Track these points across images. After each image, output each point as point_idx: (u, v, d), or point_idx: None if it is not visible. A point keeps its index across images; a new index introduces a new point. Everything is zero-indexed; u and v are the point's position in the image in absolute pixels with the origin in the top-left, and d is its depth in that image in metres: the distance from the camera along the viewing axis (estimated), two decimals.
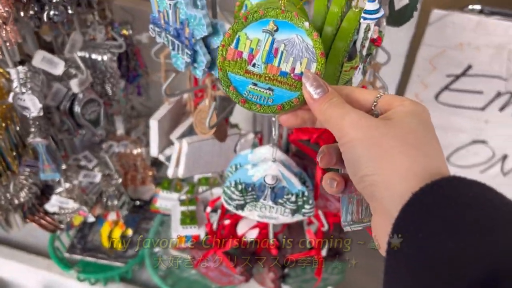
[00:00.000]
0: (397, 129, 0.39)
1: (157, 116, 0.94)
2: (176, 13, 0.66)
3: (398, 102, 0.43)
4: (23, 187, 1.10)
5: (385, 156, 0.38)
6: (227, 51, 0.53)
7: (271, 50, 0.54)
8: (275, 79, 0.54)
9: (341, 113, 0.42)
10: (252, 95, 0.54)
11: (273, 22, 0.56)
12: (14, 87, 0.90)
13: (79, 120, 0.99)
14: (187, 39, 0.64)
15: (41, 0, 0.84)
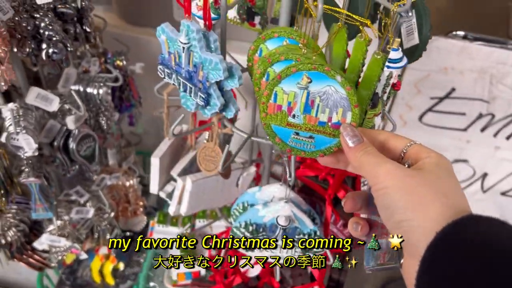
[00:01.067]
0: (428, 179, 0.44)
1: (159, 153, 0.92)
2: (190, 56, 0.64)
3: (426, 154, 0.47)
4: (10, 226, 1.04)
5: (420, 204, 0.42)
6: (267, 107, 0.57)
7: (308, 102, 0.57)
8: (315, 128, 0.58)
9: (377, 162, 0.47)
10: (296, 143, 0.59)
11: (307, 76, 0.56)
12: (6, 127, 0.86)
13: (74, 157, 0.95)
14: (201, 82, 0.63)
15: (38, 37, 0.80)
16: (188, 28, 0.61)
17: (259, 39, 0.70)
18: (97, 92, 0.96)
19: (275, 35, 0.69)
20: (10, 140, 0.85)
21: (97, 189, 1.13)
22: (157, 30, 0.62)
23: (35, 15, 0.78)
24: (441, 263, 0.38)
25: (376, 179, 0.45)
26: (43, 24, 0.77)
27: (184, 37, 0.62)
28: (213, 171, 0.89)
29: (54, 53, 0.79)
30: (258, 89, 0.71)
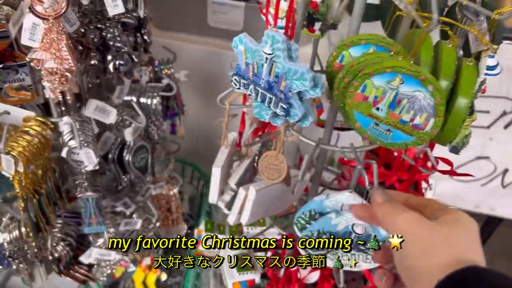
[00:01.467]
0: (443, 231, 0.46)
1: (219, 163, 0.90)
2: (272, 66, 0.63)
3: (449, 211, 0.49)
4: (58, 241, 1.02)
5: (430, 252, 0.44)
6: (354, 95, 0.61)
7: (395, 100, 0.60)
8: (395, 124, 0.62)
9: (396, 212, 0.49)
10: (374, 132, 0.64)
11: (400, 78, 0.58)
12: (66, 141, 0.83)
13: (130, 169, 0.93)
14: (282, 92, 0.62)
15: (100, 48, 0.78)
16: (273, 38, 0.60)
17: (342, 45, 0.70)
18: (151, 102, 0.93)
19: (362, 42, 0.68)
20: (71, 155, 0.83)
21: (142, 199, 1.11)
22: (234, 41, 0.61)
23: (100, 26, 0.76)
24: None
25: (395, 227, 0.48)
26: (110, 35, 0.75)
27: (269, 48, 0.61)
28: (276, 179, 0.87)
29: (121, 65, 0.77)
30: (338, 92, 0.70)
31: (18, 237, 1.02)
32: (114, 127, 0.89)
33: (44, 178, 0.91)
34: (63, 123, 0.84)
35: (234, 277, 1.01)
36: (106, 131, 0.90)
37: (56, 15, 0.66)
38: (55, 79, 0.71)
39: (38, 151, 0.83)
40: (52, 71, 0.71)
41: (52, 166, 0.93)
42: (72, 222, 1.07)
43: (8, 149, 0.80)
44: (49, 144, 0.86)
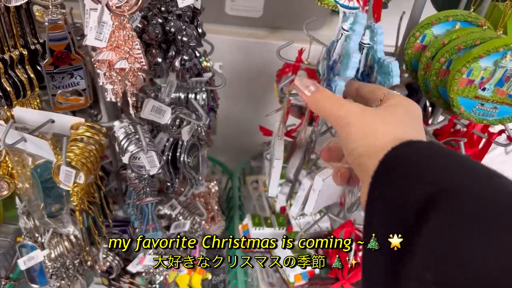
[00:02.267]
0: (383, 113, 0.48)
1: (279, 155, 0.87)
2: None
3: (391, 97, 0.51)
4: (108, 251, 0.96)
5: (370, 132, 0.46)
6: (459, 81, 0.61)
7: (503, 78, 0.61)
8: (502, 100, 0.63)
9: (336, 104, 0.50)
10: (479, 112, 0.64)
11: (510, 55, 0.57)
12: (125, 147, 0.78)
13: (184, 169, 0.89)
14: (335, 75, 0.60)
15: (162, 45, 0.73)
16: (357, 16, 0.59)
17: (427, 24, 0.68)
18: (200, 97, 0.89)
19: (450, 19, 0.67)
20: (132, 160, 0.78)
21: (184, 199, 1.06)
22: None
23: (159, 20, 0.71)
24: (382, 183, 0.42)
25: (338, 119, 0.49)
26: (174, 29, 0.70)
27: (348, 24, 0.60)
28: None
29: (186, 61, 0.72)
30: (424, 72, 0.69)
31: (62, 253, 0.96)
32: (167, 127, 0.84)
33: (95, 188, 0.86)
34: (118, 127, 0.79)
35: (295, 270, 0.99)
36: (160, 132, 0.85)
37: (130, 11, 0.61)
38: (128, 80, 0.66)
39: (96, 159, 0.78)
40: (123, 72, 0.65)
41: (101, 175, 0.87)
42: (116, 230, 1.02)
43: (68, 160, 0.74)
44: (104, 151, 0.81)
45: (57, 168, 0.75)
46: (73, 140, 0.78)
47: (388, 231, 0.39)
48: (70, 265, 1.01)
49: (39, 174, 0.80)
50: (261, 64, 1.29)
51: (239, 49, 1.27)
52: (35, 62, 0.72)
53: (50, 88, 0.72)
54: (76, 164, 0.75)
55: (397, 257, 0.38)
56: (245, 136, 1.39)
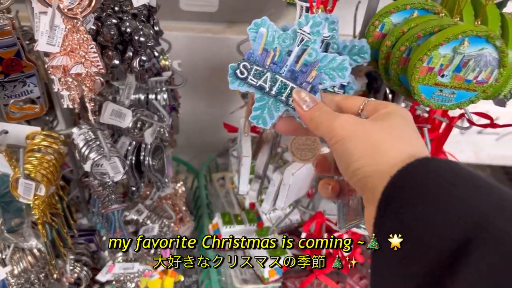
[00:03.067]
0: (383, 125, 0.44)
1: (247, 152, 0.86)
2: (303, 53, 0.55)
3: (383, 106, 0.47)
4: (74, 262, 0.93)
5: (374, 149, 0.42)
6: (419, 69, 0.62)
7: (461, 64, 0.62)
8: (460, 86, 0.64)
9: (331, 117, 0.47)
10: (437, 98, 0.65)
11: (468, 41, 0.58)
12: (85, 154, 0.75)
13: (150, 173, 0.86)
14: (310, 84, 0.54)
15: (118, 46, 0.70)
16: (315, 20, 0.53)
17: (385, 13, 0.69)
18: (161, 98, 0.87)
19: (408, 7, 0.67)
20: (94, 167, 0.75)
21: (151, 202, 1.04)
22: (253, 23, 0.53)
23: (114, 21, 0.68)
24: (397, 205, 0.37)
25: (332, 132, 0.45)
26: (130, 29, 0.68)
27: (309, 28, 0.53)
28: (310, 159, 0.86)
29: (145, 61, 0.70)
30: (385, 61, 0.70)
31: (26, 268, 0.92)
32: (129, 131, 0.82)
33: (57, 199, 0.82)
34: (77, 135, 0.76)
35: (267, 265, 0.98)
36: (122, 136, 0.83)
37: (83, 13, 0.58)
38: (85, 85, 0.63)
39: (55, 169, 0.74)
40: (79, 78, 0.62)
41: (62, 184, 0.84)
42: (82, 240, 0.99)
43: (27, 172, 0.70)
44: (64, 160, 0.78)
45: (15, 181, 0.72)
46: (30, 150, 0.74)
47: (408, 272, 0.35)
48: (36, 280, 0.97)
49: None
50: (220, 59, 1.27)
51: (197, 45, 1.25)
52: None
53: (2, 98, 0.68)
54: (36, 175, 0.71)
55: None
56: (209, 133, 1.38)
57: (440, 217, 0.35)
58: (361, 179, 0.42)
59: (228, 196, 1.35)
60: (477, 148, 1.88)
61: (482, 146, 1.87)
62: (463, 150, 1.84)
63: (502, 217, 0.33)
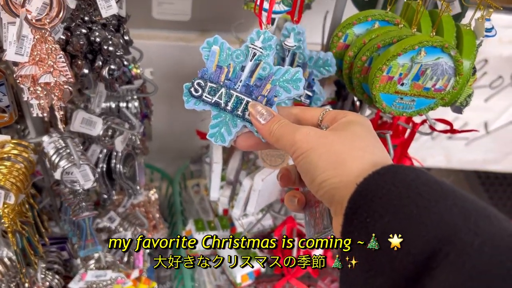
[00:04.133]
0: (344, 136, 0.44)
1: (218, 158, 0.88)
2: (256, 68, 0.54)
3: (342, 115, 0.47)
4: (46, 270, 0.93)
5: (338, 161, 0.42)
6: (380, 79, 0.65)
7: (418, 72, 0.66)
8: (419, 93, 0.68)
9: (291, 130, 0.46)
10: (399, 106, 0.69)
11: (424, 51, 0.62)
12: (55, 162, 0.75)
13: (121, 180, 0.87)
14: (265, 97, 0.54)
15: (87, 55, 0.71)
16: (266, 34, 0.53)
17: (348, 24, 0.71)
18: (132, 105, 0.88)
19: (369, 19, 0.70)
20: (64, 175, 0.76)
21: (123, 210, 1.04)
22: (206, 42, 0.54)
23: (83, 30, 0.69)
24: (363, 215, 0.37)
25: (294, 146, 0.45)
26: (99, 38, 0.69)
27: (260, 43, 0.53)
28: (280, 165, 0.88)
29: (114, 70, 0.71)
30: (348, 71, 0.73)
31: None
32: (99, 138, 0.82)
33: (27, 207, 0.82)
34: (47, 143, 0.76)
35: (240, 271, 1.00)
36: (93, 144, 0.83)
37: (52, 24, 0.59)
38: (54, 94, 0.64)
39: (25, 178, 0.75)
40: (48, 87, 0.63)
41: (33, 192, 0.84)
42: (53, 248, 0.98)
43: None
44: (34, 168, 0.78)
45: None
46: (0, 159, 0.74)
47: (374, 284, 0.35)
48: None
49: None
50: (193, 67, 1.28)
51: (170, 54, 1.26)
52: None
53: None
54: (5, 184, 0.71)
55: None
56: (183, 140, 1.39)
57: (406, 228, 0.35)
58: (328, 191, 0.42)
59: (202, 203, 1.36)
60: (448, 153, 1.93)
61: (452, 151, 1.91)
62: (434, 155, 1.88)
63: (466, 228, 0.33)
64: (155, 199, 1.11)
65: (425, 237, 0.34)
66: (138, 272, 1.11)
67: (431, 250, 0.33)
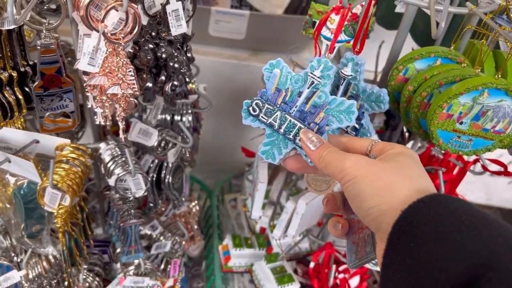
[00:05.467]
0: (393, 166, 0.46)
1: (263, 178, 0.89)
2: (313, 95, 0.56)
3: (390, 147, 0.49)
4: (87, 272, 0.95)
5: (386, 189, 0.43)
6: (439, 115, 0.65)
7: (479, 113, 0.65)
8: (477, 134, 0.67)
9: (341, 157, 0.48)
10: (455, 143, 0.68)
11: (487, 92, 0.61)
12: (111, 169, 0.78)
13: (168, 191, 0.89)
14: (317, 125, 0.55)
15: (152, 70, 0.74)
16: (326, 64, 0.55)
17: (410, 59, 0.72)
18: (186, 119, 0.90)
19: (432, 55, 0.70)
20: (118, 182, 0.78)
21: (165, 219, 1.07)
22: (268, 64, 0.56)
23: (150, 46, 0.72)
24: (407, 240, 0.39)
25: (343, 172, 0.47)
26: (165, 55, 0.72)
27: (319, 72, 0.55)
28: (324, 191, 0.88)
29: (177, 86, 0.73)
30: (406, 104, 0.73)
31: (40, 273, 0.95)
32: (153, 149, 0.85)
33: (78, 209, 0.85)
34: (104, 150, 0.79)
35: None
36: (146, 154, 0.86)
37: (126, 39, 0.62)
38: (119, 105, 0.66)
39: (81, 181, 0.78)
40: (115, 98, 0.66)
41: (84, 196, 0.87)
42: (96, 251, 1.01)
43: (54, 182, 0.73)
44: (89, 172, 0.81)
45: (43, 190, 0.75)
46: (58, 161, 0.77)
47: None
48: (47, 286, 0.99)
49: (23, 195, 0.79)
50: (242, 85, 1.31)
51: (221, 70, 1.29)
52: (24, 84, 0.71)
53: (39, 110, 0.72)
54: (62, 186, 0.74)
55: None
56: (225, 155, 1.41)
57: (449, 253, 0.36)
58: (375, 218, 0.43)
59: (239, 218, 1.37)
60: (489, 190, 1.89)
61: (494, 189, 1.87)
62: (474, 190, 1.84)
63: (509, 256, 0.34)
64: (196, 210, 1.12)
65: (468, 262, 0.35)
66: (172, 282, 1.12)
67: (473, 275, 0.34)
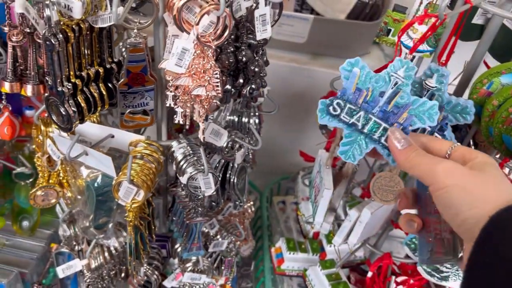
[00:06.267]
0: (486, 178, 0.46)
1: (329, 185, 0.89)
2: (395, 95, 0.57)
3: (474, 155, 0.50)
4: (148, 266, 0.97)
5: (484, 201, 0.44)
6: (505, 120, 0.65)
7: None
8: None
9: (431, 161, 0.49)
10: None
11: None
12: (183, 167, 0.79)
13: (232, 191, 0.90)
14: (401, 125, 0.56)
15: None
16: (408, 65, 0.56)
17: (496, 73, 0.70)
18: (253, 121, 0.91)
19: None
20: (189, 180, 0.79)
21: (222, 218, 1.08)
22: (347, 63, 0.56)
23: (231, 49, 0.73)
24: (495, 242, 0.40)
25: (434, 178, 0.47)
26: (246, 58, 0.72)
27: (403, 72, 0.56)
28: (391, 201, 0.87)
29: (254, 90, 0.74)
30: (488, 119, 0.71)
31: (102, 264, 0.98)
32: (222, 149, 0.86)
33: (146, 204, 0.87)
34: (177, 148, 0.81)
35: None
36: (215, 154, 0.87)
37: (217, 42, 0.63)
38: (203, 107, 0.68)
39: (154, 177, 0.79)
40: (198, 99, 0.67)
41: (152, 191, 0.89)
42: (155, 245, 1.03)
43: (131, 177, 0.75)
44: (162, 169, 0.82)
45: (118, 184, 0.77)
46: (133, 157, 0.79)
47: None
48: (106, 277, 1.02)
49: (96, 188, 0.82)
50: (300, 88, 1.31)
51: (280, 73, 1.29)
52: (108, 80, 0.73)
53: (121, 106, 0.73)
54: (137, 181, 0.76)
55: None
56: (279, 157, 1.41)
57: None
58: (471, 228, 0.44)
59: (288, 221, 1.37)
60: None
61: None
62: None
63: None
64: (252, 211, 1.13)
65: None
66: (224, 280, 1.14)
67: None
